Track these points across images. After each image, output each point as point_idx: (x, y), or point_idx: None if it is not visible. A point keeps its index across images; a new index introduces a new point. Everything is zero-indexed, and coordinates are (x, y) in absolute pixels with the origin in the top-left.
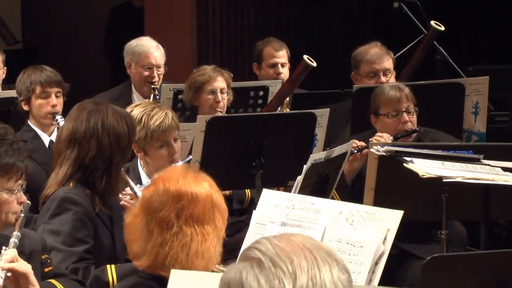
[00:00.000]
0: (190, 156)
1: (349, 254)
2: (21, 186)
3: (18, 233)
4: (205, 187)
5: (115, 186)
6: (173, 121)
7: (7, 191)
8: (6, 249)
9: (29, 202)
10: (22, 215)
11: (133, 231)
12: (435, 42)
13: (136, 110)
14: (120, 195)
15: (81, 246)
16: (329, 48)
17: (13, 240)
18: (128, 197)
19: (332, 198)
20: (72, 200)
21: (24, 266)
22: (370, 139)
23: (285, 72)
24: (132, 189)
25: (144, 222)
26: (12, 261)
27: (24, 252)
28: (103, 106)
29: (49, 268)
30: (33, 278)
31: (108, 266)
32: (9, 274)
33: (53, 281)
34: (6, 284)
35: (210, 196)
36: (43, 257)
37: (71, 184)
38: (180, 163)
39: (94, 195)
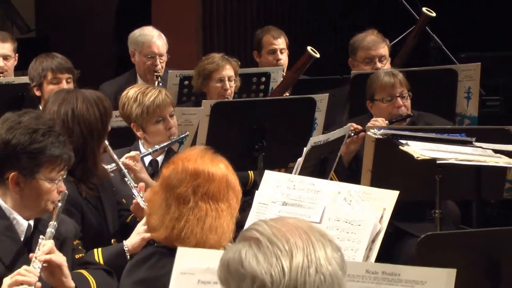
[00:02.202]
0: (187, 132)
1: (347, 232)
2: (62, 176)
3: (55, 223)
4: (221, 168)
5: (93, 170)
6: (166, 97)
7: (49, 181)
8: (43, 239)
9: (66, 192)
10: (59, 204)
11: (152, 206)
12: (429, 30)
13: (132, 90)
14: (124, 159)
15: None
16: (329, 37)
17: (50, 230)
18: (131, 160)
19: (330, 179)
20: None
21: (59, 258)
22: (367, 126)
23: (284, 58)
24: (115, 161)
25: (163, 198)
26: (49, 253)
27: (58, 238)
28: (73, 95)
29: (80, 255)
30: (66, 270)
31: (95, 250)
32: (45, 264)
33: (83, 271)
34: (41, 274)
35: (226, 176)
36: (75, 243)
37: None
38: (176, 138)
39: (78, 181)
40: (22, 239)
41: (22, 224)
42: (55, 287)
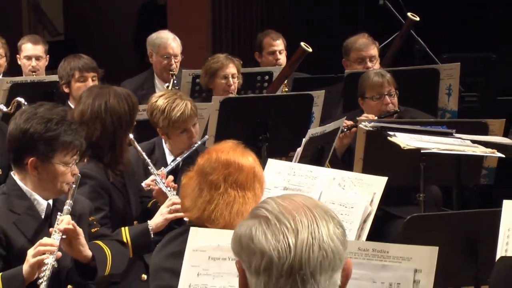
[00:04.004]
0: (207, 136)
1: (341, 214)
2: (75, 161)
3: (71, 201)
4: (250, 160)
5: (120, 157)
6: (192, 111)
7: (64, 164)
8: (61, 215)
9: (79, 175)
10: (74, 186)
11: (186, 189)
12: (414, 34)
13: (160, 100)
14: (148, 181)
15: (98, 214)
16: (325, 38)
17: (66, 208)
18: (160, 180)
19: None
20: (87, 175)
21: (77, 229)
22: (357, 118)
23: (282, 58)
24: (139, 152)
25: (197, 182)
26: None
27: (75, 215)
28: (106, 90)
29: (96, 229)
30: (83, 240)
31: (122, 228)
32: (64, 236)
33: (99, 242)
34: (61, 245)
35: (253, 168)
36: (90, 219)
37: (85, 160)
38: (198, 144)
39: (106, 167)
40: (42, 216)
41: (42, 203)
42: (74, 256)
